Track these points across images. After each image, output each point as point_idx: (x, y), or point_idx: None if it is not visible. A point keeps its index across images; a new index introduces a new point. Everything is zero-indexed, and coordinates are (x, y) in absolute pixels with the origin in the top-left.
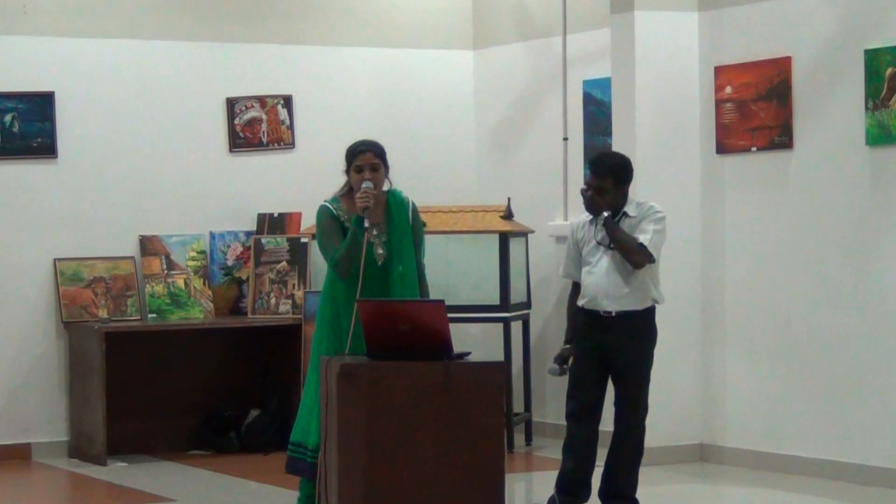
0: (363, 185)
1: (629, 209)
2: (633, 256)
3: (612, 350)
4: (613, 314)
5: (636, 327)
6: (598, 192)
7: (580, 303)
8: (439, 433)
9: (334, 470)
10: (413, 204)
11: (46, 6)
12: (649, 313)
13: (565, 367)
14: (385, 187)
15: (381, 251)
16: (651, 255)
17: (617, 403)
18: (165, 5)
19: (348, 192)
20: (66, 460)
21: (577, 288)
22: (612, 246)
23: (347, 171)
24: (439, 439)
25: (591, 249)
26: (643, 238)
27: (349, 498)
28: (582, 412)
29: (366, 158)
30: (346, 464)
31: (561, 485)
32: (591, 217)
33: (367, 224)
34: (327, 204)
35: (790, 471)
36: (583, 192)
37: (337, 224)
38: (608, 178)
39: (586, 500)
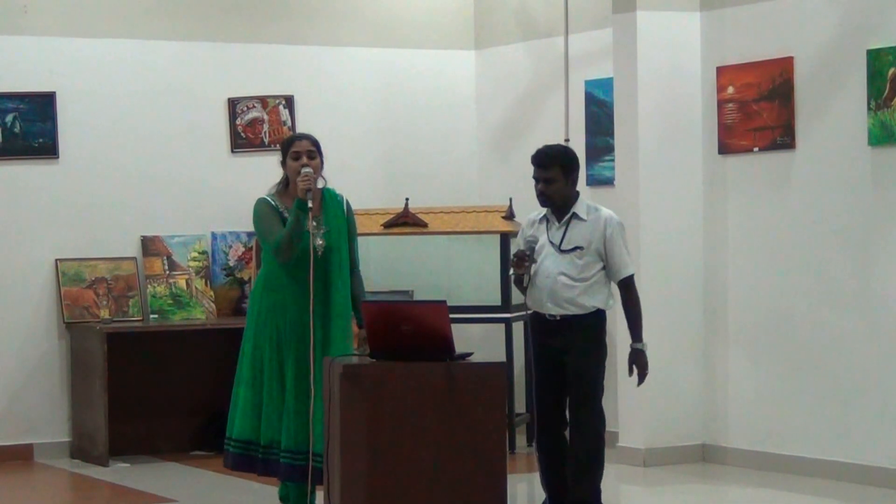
0: (303, 170)
1: (579, 210)
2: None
3: (561, 354)
4: (558, 318)
5: (583, 331)
6: (546, 183)
7: (528, 303)
8: (441, 433)
9: (337, 470)
10: (347, 201)
11: (48, 6)
12: (597, 317)
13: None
14: (320, 184)
15: (320, 241)
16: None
17: (570, 410)
18: (167, 5)
19: (285, 187)
20: (67, 461)
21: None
22: (562, 249)
23: (283, 163)
24: (441, 440)
25: (539, 248)
26: (629, 270)
27: (352, 498)
28: (543, 418)
29: (302, 146)
30: (348, 464)
31: (550, 495)
32: (542, 214)
33: (310, 204)
34: (265, 197)
35: (792, 471)
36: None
37: (276, 213)
38: (555, 167)
39: None
